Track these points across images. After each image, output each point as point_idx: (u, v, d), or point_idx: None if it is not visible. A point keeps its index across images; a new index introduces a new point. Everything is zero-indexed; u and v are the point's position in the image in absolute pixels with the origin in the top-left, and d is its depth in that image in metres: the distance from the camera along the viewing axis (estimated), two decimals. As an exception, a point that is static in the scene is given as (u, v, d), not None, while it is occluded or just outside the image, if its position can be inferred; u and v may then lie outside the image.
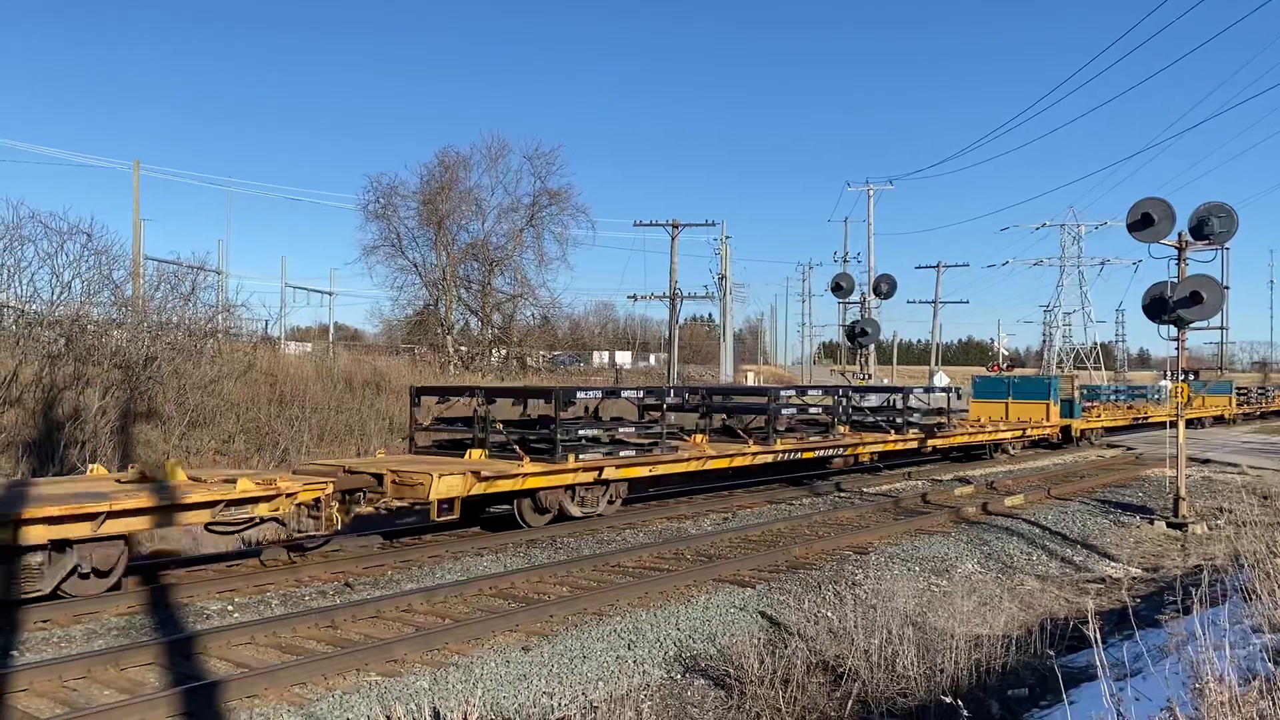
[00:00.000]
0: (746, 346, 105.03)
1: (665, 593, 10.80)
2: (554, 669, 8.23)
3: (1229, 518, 16.79)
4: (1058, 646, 8.56)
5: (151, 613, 9.71)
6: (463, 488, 12.61)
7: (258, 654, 8.41)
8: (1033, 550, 14.60)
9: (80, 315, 20.64)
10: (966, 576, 12.68)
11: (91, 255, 21.30)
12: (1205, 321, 16.64)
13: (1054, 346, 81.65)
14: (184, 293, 23.80)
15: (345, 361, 34.16)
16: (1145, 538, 16.25)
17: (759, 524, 15.58)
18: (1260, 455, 28.07)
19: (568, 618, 9.68)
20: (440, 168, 51.40)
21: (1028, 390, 30.13)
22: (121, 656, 8.00)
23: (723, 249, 50.76)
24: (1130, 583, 12.71)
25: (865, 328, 30.20)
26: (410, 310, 53.18)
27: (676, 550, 13.28)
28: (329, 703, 7.17)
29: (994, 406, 29.82)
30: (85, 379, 18.96)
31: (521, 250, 51.48)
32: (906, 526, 15.49)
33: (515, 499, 14.03)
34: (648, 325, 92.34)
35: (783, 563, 12.58)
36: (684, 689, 8.25)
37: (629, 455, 15.03)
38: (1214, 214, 16.43)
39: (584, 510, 14.71)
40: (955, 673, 7.95)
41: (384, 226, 50.81)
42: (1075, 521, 16.86)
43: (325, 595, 10.66)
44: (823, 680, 8.09)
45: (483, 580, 11.07)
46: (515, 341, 52.13)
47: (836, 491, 20.05)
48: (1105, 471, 24.75)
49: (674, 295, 47.26)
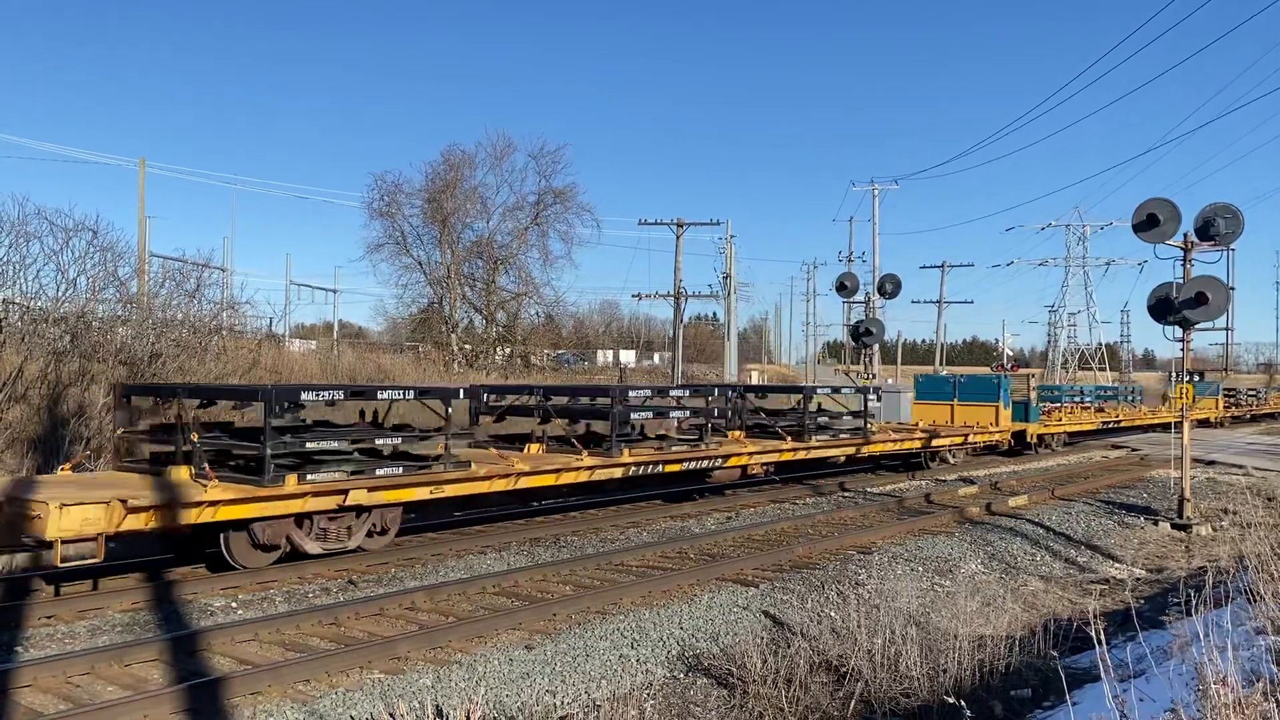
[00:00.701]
0: (751, 345, 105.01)
1: (668, 591, 10.81)
2: (557, 667, 8.24)
3: (1233, 519, 16.77)
4: (1061, 647, 8.54)
5: (155, 609, 9.73)
6: (106, 522, 9.11)
7: (261, 651, 8.43)
8: (1036, 551, 14.58)
9: (85, 312, 20.70)
10: (970, 577, 12.67)
11: (97, 252, 21.38)
12: (1210, 323, 16.61)
13: (1059, 347, 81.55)
14: (189, 290, 23.89)
15: (350, 359, 34.25)
16: (1149, 539, 16.22)
17: (762, 523, 15.57)
18: (1265, 457, 28.02)
19: (571, 616, 9.69)
20: (445, 166, 51.55)
21: (975, 391, 27.37)
22: (125, 653, 8.02)
23: (727, 248, 50.75)
24: (1134, 584, 12.68)
25: (869, 327, 30.19)
26: (414, 308, 53.33)
27: (680, 549, 13.29)
28: (332, 700, 7.18)
29: (938, 409, 27.49)
30: (90, 376, 19.00)
31: (526, 249, 51.60)
32: (910, 526, 15.49)
33: (222, 531, 10.80)
34: (652, 324, 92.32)
35: (786, 562, 12.58)
36: (687, 688, 8.25)
37: (391, 474, 11.67)
38: (1220, 215, 16.40)
39: (327, 546, 11.47)
40: (958, 673, 7.94)
41: (388, 224, 50.96)
42: (1079, 522, 16.84)
43: (329, 593, 10.68)
44: (826, 680, 8.08)
45: (486, 578, 11.07)
46: (519, 340, 52.20)
47: (840, 491, 20.06)
48: (1110, 472, 24.72)
49: (678, 294, 47.24)
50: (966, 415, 26.83)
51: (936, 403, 27.73)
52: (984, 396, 26.95)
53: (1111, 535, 16.20)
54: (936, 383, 29.11)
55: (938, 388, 28.48)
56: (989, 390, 27.06)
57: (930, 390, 28.64)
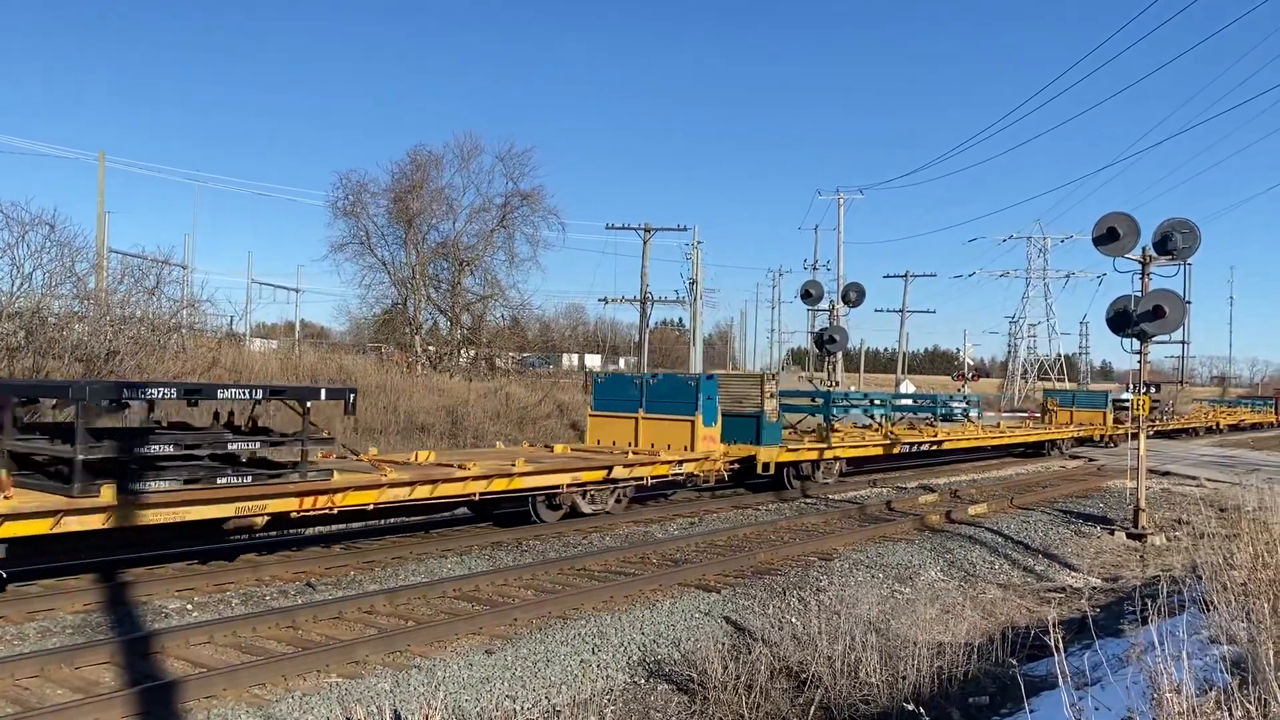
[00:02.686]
0: (716, 351, 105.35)
1: (630, 596, 10.79)
2: (517, 672, 8.19)
3: (1187, 530, 17.03)
4: (1019, 655, 8.62)
5: (108, 610, 9.56)
6: None
7: (217, 654, 8.30)
8: (995, 559, 14.73)
9: (41, 307, 20.33)
10: (929, 584, 12.76)
11: (54, 247, 21.01)
12: (1167, 336, 16.87)
13: (1019, 357, 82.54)
14: (148, 287, 23.53)
15: (311, 359, 33.89)
16: (1105, 548, 16.43)
17: (725, 529, 15.60)
18: (1218, 469, 28.50)
19: (532, 621, 9.64)
20: (412, 166, 51.11)
21: (666, 396, 18.16)
22: (76, 655, 7.86)
23: (694, 253, 50.83)
24: (1090, 592, 12.84)
25: (833, 335, 30.28)
26: (378, 309, 52.81)
27: (642, 554, 13.27)
28: (289, 704, 7.08)
29: (619, 424, 18.60)
30: (45, 372, 18.66)
31: (492, 251, 51.29)
32: (871, 533, 15.58)
33: None
34: (618, 328, 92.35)
35: (748, 568, 12.60)
36: (647, 694, 8.23)
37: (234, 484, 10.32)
38: (1177, 230, 16.66)
39: None
40: (917, 680, 7.99)
41: (353, 224, 50.42)
42: (1037, 531, 17.03)
43: (287, 595, 10.55)
44: (786, 686, 8.10)
45: (447, 582, 10.99)
46: (484, 342, 51.92)
47: (803, 498, 20.15)
48: (1067, 482, 25.02)
49: (645, 299, 47.30)
50: (655, 434, 17.88)
51: (618, 415, 18.70)
52: (679, 405, 17.73)
53: (1068, 544, 16.40)
54: (620, 386, 19.51)
55: (621, 391, 19.09)
56: (685, 396, 17.76)
57: (611, 395, 19.21)
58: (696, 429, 17.46)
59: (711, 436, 17.78)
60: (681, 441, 17.50)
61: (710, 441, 17.70)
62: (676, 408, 17.80)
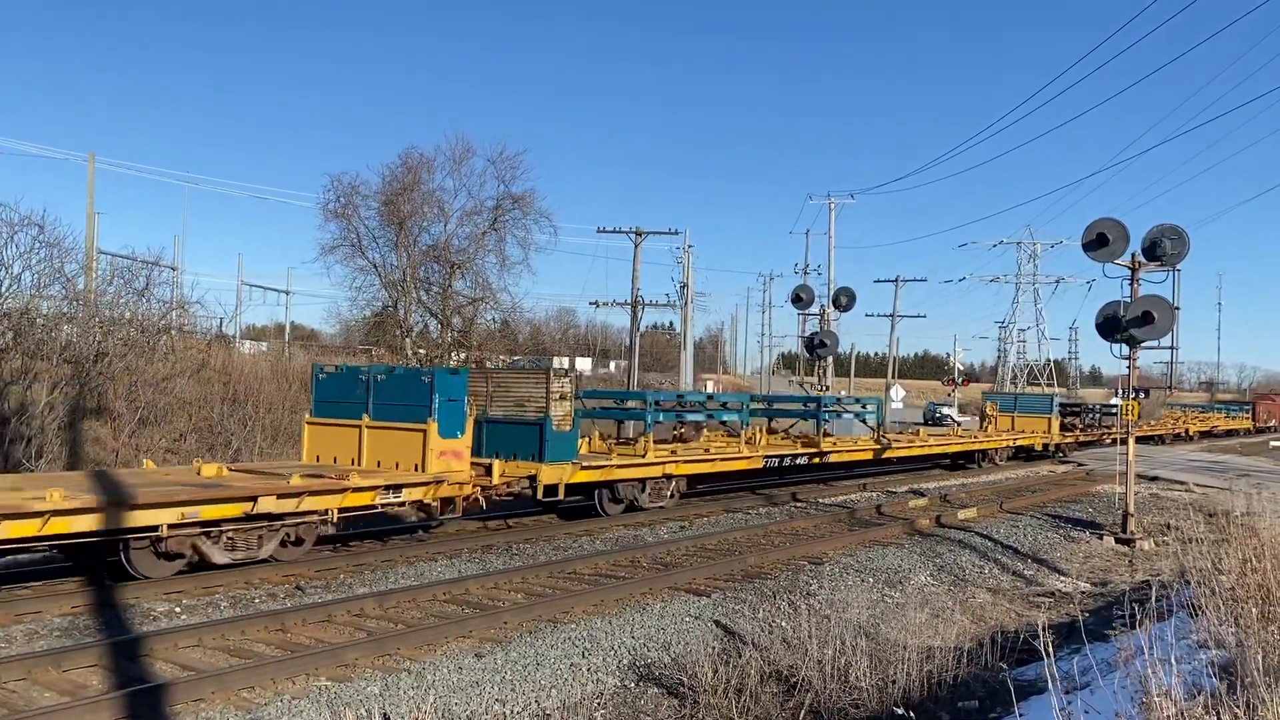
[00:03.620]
0: (707, 355, 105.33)
1: (621, 600, 10.77)
2: (507, 676, 8.17)
3: (1176, 535, 17.09)
4: (1009, 659, 8.64)
5: (96, 613, 9.51)
6: None
7: (205, 657, 8.27)
8: (985, 563, 14.76)
9: (29, 308, 20.23)
10: (919, 588, 12.78)
11: (43, 248, 20.89)
12: (1156, 341, 16.94)
13: (1009, 362, 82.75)
14: (138, 288, 23.42)
15: (301, 361, 33.78)
16: (1094, 553, 16.48)
17: (716, 532, 15.60)
18: (1207, 474, 28.62)
19: (522, 624, 9.62)
20: (403, 168, 50.98)
21: (397, 398, 13.87)
22: (64, 658, 7.82)
23: (685, 257, 50.84)
24: (1080, 597, 12.88)
25: (824, 339, 30.42)
26: (368, 311, 52.68)
27: (633, 558, 13.26)
28: (277, 707, 7.06)
29: (343, 435, 14.25)
30: (33, 374, 18.58)
31: (483, 254, 51.20)
32: (861, 538, 15.60)
33: None
34: (609, 332, 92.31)
35: (738, 572, 12.60)
36: (637, 697, 8.23)
37: None
38: (1166, 236, 16.75)
39: None
40: (907, 684, 8.00)
41: (343, 226, 50.27)
42: (1026, 536, 17.07)
43: (276, 598, 10.51)
44: (776, 690, 8.10)
45: (436, 586, 10.97)
46: (475, 345, 51.85)
47: (793, 501, 20.17)
48: (1056, 487, 25.10)
49: (636, 302, 47.24)
50: (382, 447, 13.83)
51: (341, 422, 14.35)
52: (407, 409, 13.62)
53: (1058, 549, 16.44)
54: (344, 382, 14.83)
55: (346, 391, 14.60)
56: (415, 397, 13.58)
57: (335, 396, 14.74)
58: (430, 441, 13.14)
59: (455, 451, 13.44)
60: (412, 458, 13.34)
61: (452, 458, 13.37)
62: (406, 413, 13.61)
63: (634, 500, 16.98)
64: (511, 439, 15.29)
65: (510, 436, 15.31)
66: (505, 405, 15.75)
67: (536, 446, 14.93)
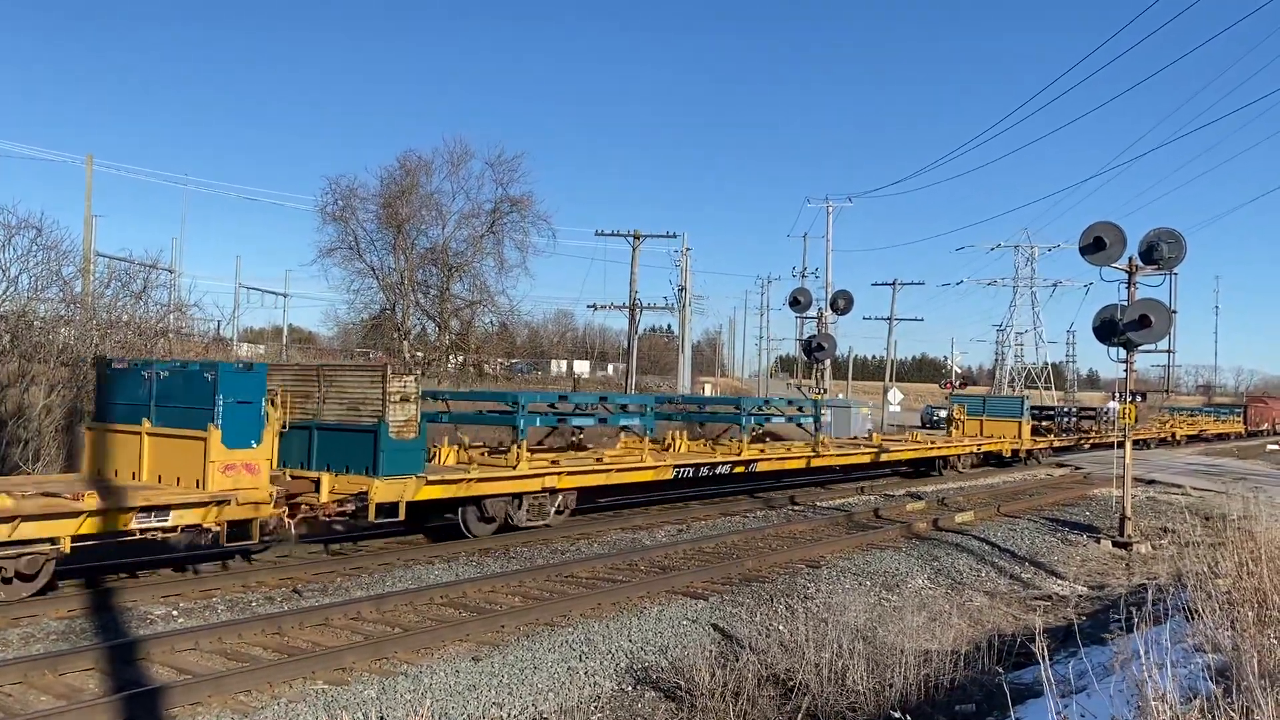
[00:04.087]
0: (705, 358, 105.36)
1: (618, 604, 10.78)
2: (504, 680, 8.17)
3: (1172, 538, 17.12)
4: (1005, 663, 8.64)
5: (93, 616, 9.51)
6: None
7: (202, 660, 8.27)
8: (982, 566, 14.77)
9: (27, 311, 20.22)
10: (917, 592, 12.79)
11: (40, 250, 20.88)
12: (1153, 345, 16.97)
13: (1006, 366, 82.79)
14: (135, 291, 23.38)
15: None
16: (1091, 556, 16.50)
17: (713, 536, 15.60)
18: (1204, 477, 28.65)
19: (519, 628, 9.62)
20: (401, 171, 51.19)
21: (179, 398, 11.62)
22: (60, 661, 7.82)
23: (683, 260, 50.85)
24: (1076, 600, 12.89)
25: (821, 342, 30.46)
26: (366, 314, 52.81)
27: (630, 561, 13.26)
28: (274, 710, 7.06)
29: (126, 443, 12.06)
30: (30, 377, 18.55)
31: (481, 257, 51.34)
32: (858, 541, 15.61)
33: None
34: (607, 335, 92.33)
35: (736, 575, 12.61)
36: (634, 701, 8.23)
37: None
38: (1163, 239, 16.78)
39: None
40: (904, 688, 8.00)
41: (342, 229, 50.46)
42: (1024, 539, 17.08)
43: (273, 601, 10.51)
44: (773, 693, 8.10)
45: (434, 589, 10.97)
46: (473, 348, 51.90)
47: (790, 505, 20.18)
48: (1053, 490, 25.11)
49: (634, 305, 47.28)
50: (162, 458, 11.63)
51: (124, 428, 12.13)
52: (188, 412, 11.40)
53: (1055, 552, 16.46)
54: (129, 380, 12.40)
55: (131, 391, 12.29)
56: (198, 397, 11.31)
57: (121, 397, 12.43)
58: (211, 452, 10.82)
59: (248, 464, 11.15)
60: (194, 472, 11.03)
61: (244, 472, 11.09)
62: (186, 417, 11.31)
63: (508, 518, 14.57)
64: (345, 449, 12.83)
65: (343, 446, 12.87)
66: (339, 409, 13.18)
67: (370, 457, 12.48)
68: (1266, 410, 69.15)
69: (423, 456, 13.16)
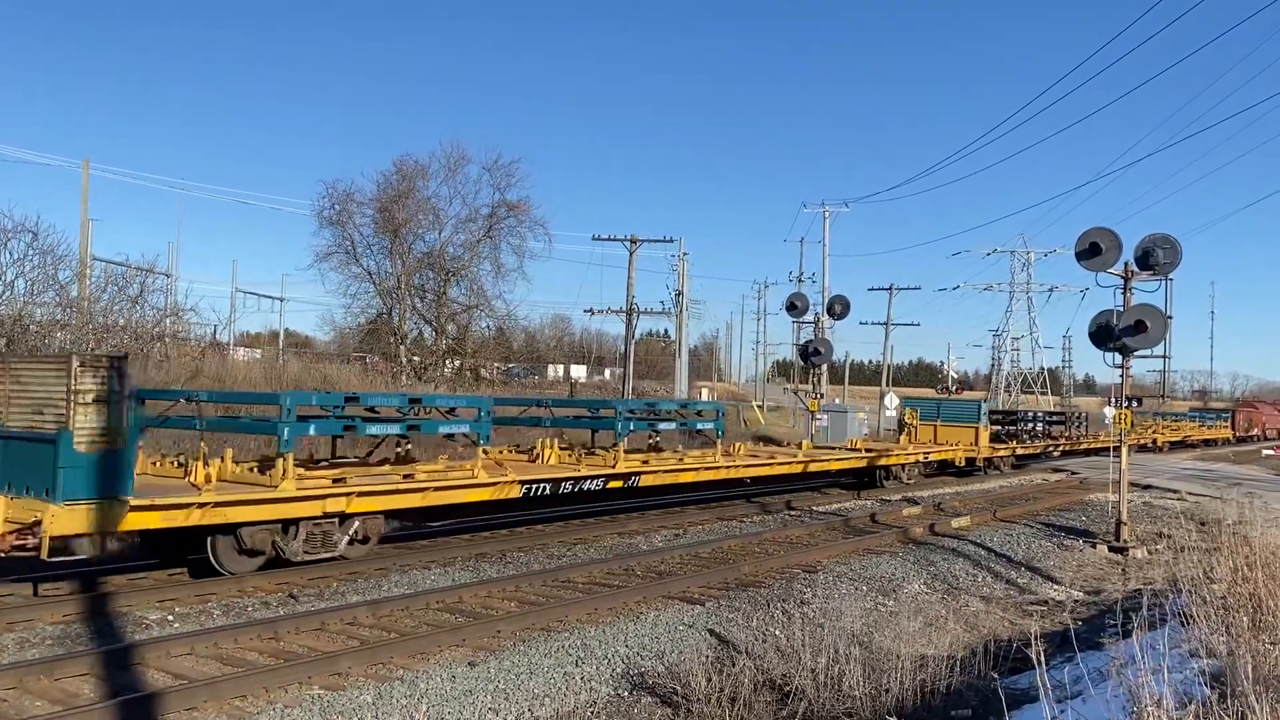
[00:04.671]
0: (702, 363, 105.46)
1: (614, 609, 10.77)
2: (500, 685, 8.17)
3: (1168, 543, 17.13)
4: (1001, 668, 8.65)
5: (88, 621, 9.49)
6: None
7: (198, 665, 8.26)
8: (978, 571, 14.77)
9: (23, 315, 20.22)
10: (913, 597, 12.79)
11: (36, 254, 20.95)
12: (1149, 350, 17.00)
13: (1002, 371, 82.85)
14: (132, 295, 23.46)
15: (295, 369, 33.78)
16: (1088, 561, 16.51)
17: (710, 541, 15.60)
18: (1200, 482, 28.68)
19: (516, 633, 9.61)
20: (398, 175, 51.13)
21: None
22: (55, 666, 7.81)
23: (680, 265, 50.92)
24: (1072, 605, 12.90)
25: (818, 347, 30.44)
26: (363, 318, 52.72)
27: (626, 566, 13.25)
28: (270, 716, 7.05)
29: None
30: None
31: (478, 261, 51.30)
32: (855, 546, 15.61)
33: None
34: (604, 339, 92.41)
35: (732, 580, 12.60)
36: (631, 706, 8.22)
37: None
38: (1159, 245, 16.81)
39: None
40: (900, 693, 8.00)
41: (338, 233, 50.39)
42: (1020, 544, 17.09)
43: (269, 606, 10.49)
44: (769, 699, 8.10)
45: (430, 594, 10.96)
46: (470, 353, 51.85)
47: (786, 510, 20.18)
48: (1050, 495, 25.12)
49: (630, 310, 47.31)
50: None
51: None
52: None
53: (1051, 557, 16.46)
54: None
55: None
56: None
57: None
58: None
59: None
60: None
61: None
62: None
63: (278, 551, 11.39)
64: (27, 464, 9.71)
65: (25, 460, 9.75)
66: (24, 411, 10.22)
67: (49, 475, 9.35)
68: (1256, 416, 68.71)
69: (128, 475, 9.80)
